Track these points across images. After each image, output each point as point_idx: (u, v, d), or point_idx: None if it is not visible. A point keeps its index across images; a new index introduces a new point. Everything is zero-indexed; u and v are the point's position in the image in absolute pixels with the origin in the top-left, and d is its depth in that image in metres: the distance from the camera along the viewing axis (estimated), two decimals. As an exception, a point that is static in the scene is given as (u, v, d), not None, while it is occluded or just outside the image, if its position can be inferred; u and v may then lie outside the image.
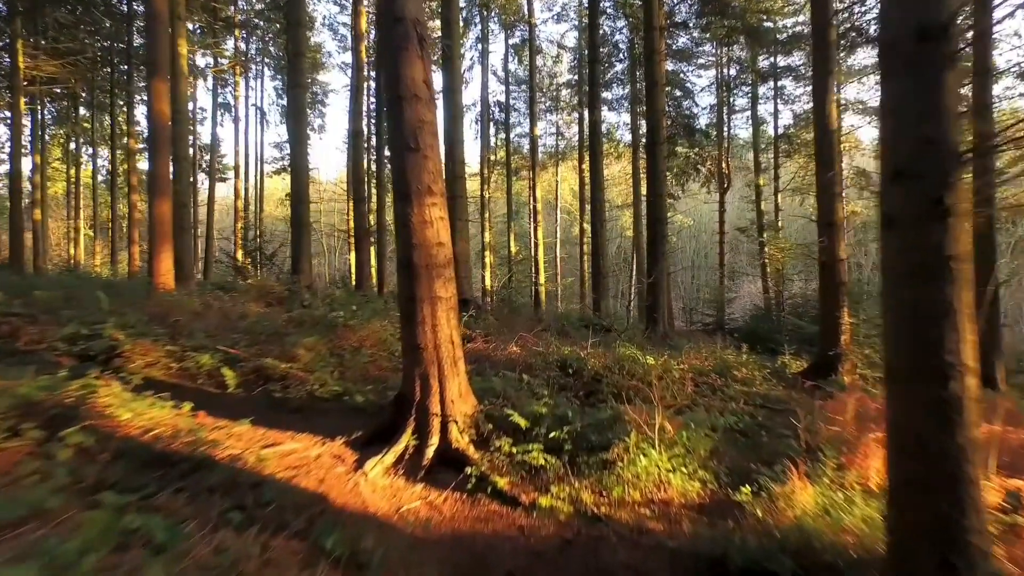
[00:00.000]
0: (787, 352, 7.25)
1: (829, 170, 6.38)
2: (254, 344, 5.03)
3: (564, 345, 6.86)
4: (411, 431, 3.64)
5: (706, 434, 3.81)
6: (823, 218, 6.49)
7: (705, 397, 5.13)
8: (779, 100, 22.90)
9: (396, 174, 3.77)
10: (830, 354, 6.37)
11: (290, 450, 3.53)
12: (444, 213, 3.77)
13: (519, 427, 3.65)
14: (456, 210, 8.89)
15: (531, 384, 4.73)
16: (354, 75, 14.68)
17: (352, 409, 4.20)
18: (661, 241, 10.27)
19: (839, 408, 4.43)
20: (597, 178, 14.26)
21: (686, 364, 6.18)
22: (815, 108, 6.52)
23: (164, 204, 7.83)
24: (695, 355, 7.10)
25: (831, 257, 6.38)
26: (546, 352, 5.84)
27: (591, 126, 15.26)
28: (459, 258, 8.90)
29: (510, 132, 25.79)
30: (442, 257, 3.71)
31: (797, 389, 5.99)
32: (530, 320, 9.67)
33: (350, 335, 5.35)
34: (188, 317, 5.46)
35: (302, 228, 9.55)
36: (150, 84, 7.67)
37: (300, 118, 9.77)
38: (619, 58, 23.50)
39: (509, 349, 6.21)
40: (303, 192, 9.67)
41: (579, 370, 5.25)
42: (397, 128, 3.74)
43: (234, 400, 4.31)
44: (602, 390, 4.87)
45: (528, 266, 23.71)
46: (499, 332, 7.34)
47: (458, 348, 3.79)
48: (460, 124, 8.99)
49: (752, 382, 5.88)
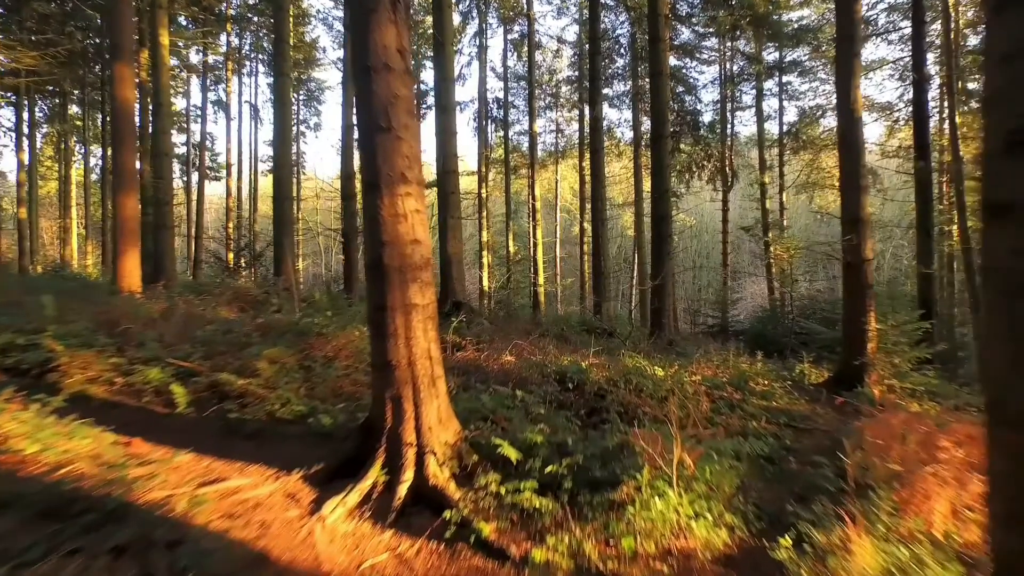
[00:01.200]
0: (805, 360, 6.67)
1: (855, 160, 5.80)
2: (213, 355, 4.46)
3: (564, 353, 6.29)
4: (380, 464, 3.07)
5: (731, 465, 3.24)
6: (847, 214, 5.91)
7: (722, 415, 4.55)
8: (784, 96, 22.38)
9: (364, 159, 3.19)
10: (855, 363, 5.79)
11: (235, 488, 2.95)
12: (421, 205, 3.20)
13: (510, 460, 3.07)
14: (448, 207, 8.32)
15: (526, 402, 4.16)
16: (346, 68, 14.14)
17: (317, 434, 3.62)
18: (666, 241, 9.70)
19: (881, 430, 3.85)
20: (598, 175, 13.68)
21: (698, 375, 5.60)
22: (839, 92, 5.94)
23: (129, 200, 7.26)
24: (706, 364, 6.54)
25: (857, 257, 5.80)
26: (544, 362, 5.27)
27: (592, 122, 14.69)
28: (452, 258, 8.34)
29: (509, 129, 25.22)
30: (418, 257, 3.13)
31: (822, 403, 5.42)
32: (527, 324, 9.09)
33: (324, 344, 4.78)
34: (142, 324, 4.89)
35: (285, 226, 8.98)
36: (113, 68, 7.09)
37: (284, 108, 9.20)
38: (620, 53, 22.94)
39: (503, 358, 5.63)
40: (287, 188, 9.10)
41: (580, 384, 4.67)
42: (365, 104, 3.16)
43: (182, 423, 3.74)
44: (607, 408, 4.29)
45: (527, 266, 23.13)
46: (493, 338, 6.77)
47: (437, 364, 3.22)
48: (452, 116, 8.42)
49: (772, 395, 5.30)
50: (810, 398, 5.59)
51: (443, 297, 8.27)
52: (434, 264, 16.83)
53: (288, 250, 8.96)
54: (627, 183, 29.44)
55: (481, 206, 24.23)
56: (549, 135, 28.04)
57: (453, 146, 8.34)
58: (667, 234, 9.67)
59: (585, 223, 23.33)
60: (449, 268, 8.22)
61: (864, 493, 2.93)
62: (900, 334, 6.03)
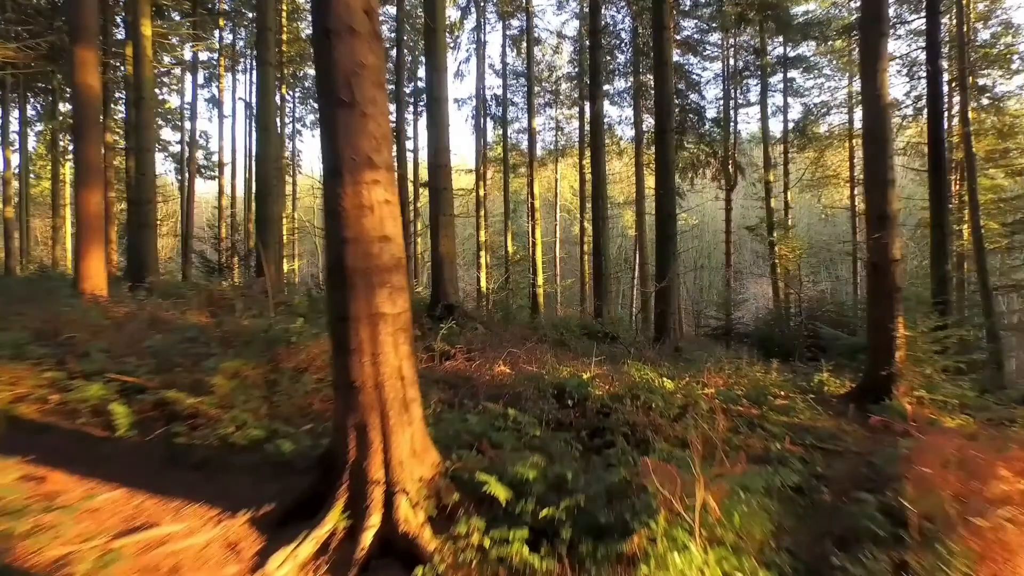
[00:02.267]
0: (824, 368, 6.16)
1: (882, 152, 5.29)
2: (166, 368, 3.95)
3: (563, 362, 5.78)
4: (341, 506, 2.55)
5: (761, 504, 2.73)
6: (874, 210, 5.40)
7: (741, 434, 4.04)
8: (788, 93, 21.88)
9: (324, 140, 2.68)
10: (882, 374, 5.27)
11: (164, 536, 2.44)
12: (392, 195, 2.68)
13: (498, 499, 2.56)
14: (440, 203, 7.80)
15: (519, 423, 3.64)
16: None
17: (275, 464, 3.11)
18: (671, 240, 9.18)
19: (929, 456, 3.34)
20: (599, 172, 13.18)
21: (711, 387, 5.10)
22: (863, 78, 5.43)
23: (92, 195, 6.74)
24: (717, 373, 6.03)
25: (884, 257, 5.28)
26: (541, 374, 4.75)
27: (593, 117, 14.19)
28: (444, 258, 7.82)
29: (507, 127, 24.70)
30: (387, 257, 2.62)
31: (848, 419, 4.91)
32: (525, 328, 8.58)
33: (294, 354, 4.27)
34: (90, 332, 4.38)
35: (268, 224, 8.47)
36: (73, 51, 6.55)
37: (267, 99, 8.69)
38: (621, 48, 22.45)
39: (496, 369, 5.12)
40: (269, 183, 8.59)
41: (581, 400, 4.15)
42: (325, 75, 2.65)
43: (119, 449, 3.22)
44: (612, 428, 3.78)
45: (526, 267, 22.62)
46: (487, 345, 6.26)
47: (411, 386, 2.70)
48: (444, 107, 7.91)
49: (793, 410, 4.79)
50: (834, 412, 5.07)
51: (434, 300, 7.77)
52: (425, 264, 16.16)
53: (273, 249, 8.45)
54: (628, 182, 28.95)
55: (479, 205, 23.71)
56: (548, 133, 27.54)
57: (445, 139, 7.83)
58: (672, 233, 9.16)
59: (585, 222, 22.83)
60: (441, 269, 7.71)
61: (927, 543, 2.43)
62: (932, 341, 5.52)
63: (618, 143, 25.72)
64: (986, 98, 17.79)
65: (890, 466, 3.50)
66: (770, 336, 14.42)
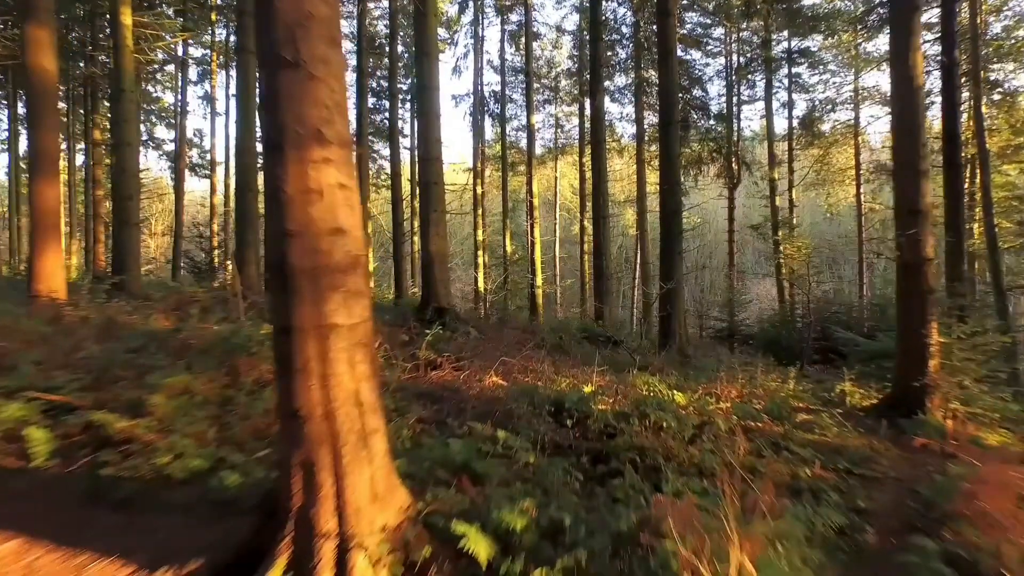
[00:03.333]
0: (846, 377, 5.65)
1: (914, 140, 4.78)
2: (104, 383, 3.44)
3: (562, 371, 5.27)
4: (284, 565, 2.05)
5: (803, 557, 2.22)
6: (905, 204, 4.89)
7: (764, 458, 3.53)
8: (793, 89, 21.36)
9: (263, 108, 2.17)
10: (915, 384, 4.77)
11: (54, 608, 1.93)
12: (349, 179, 2.17)
13: (477, 561, 2.05)
14: (431, 199, 7.29)
15: (510, 447, 3.14)
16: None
17: (216, 501, 2.60)
18: (676, 238, 8.66)
19: (990, 489, 2.83)
20: (599, 168, 12.68)
21: (726, 400, 4.59)
22: (893, 56, 4.93)
23: (48, 189, 6.22)
24: (731, 383, 5.53)
25: (916, 256, 4.78)
26: (537, 385, 4.24)
27: (593, 111, 13.70)
28: (434, 258, 7.31)
29: (506, 124, 24.18)
30: (341, 255, 2.10)
31: (879, 436, 4.40)
32: (522, 332, 8.07)
33: (255, 365, 3.77)
34: (22, 341, 3.87)
35: (248, 220, 7.95)
36: (24, 29, 6.02)
37: (249, 89, 8.18)
38: (622, 43, 21.96)
39: (487, 380, 4.60)
40: (250, 178, 8.08)
41: (582, 418, 3.64)
42: (264, 28, 2.14)
43: (34, 483, 2.71)
44: (617, 453, 3.27)
45: (525, 267, 22.11)
46: (479, 351, 5.75)
47: (372, 414, 2.18)
48: (435, 96, 7.39)
49: (818, 426, 4.29)
50: (863, 428, 4.57)
51: (424, 302, 7.26)
52: (414, 265, 15.43)
53: (252, 248, 7.93)
54: (628, 180, 28.45)
55: (477, 203, 23.18)
56: (548, 130, 27.04)
57: (436, 129, 7.31)
58: (678, 231, 8.64)
59: (585, 221, 22.32)
60: (431, 269, 7.20)
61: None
62: (969, 348, 5.02)
63: (619, 141, 25.24)
64: (998, 93, 17.28)
65: (943, 499, 2.99)
66: (776, 339, 13.89)
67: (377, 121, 24.09)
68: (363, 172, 19.84)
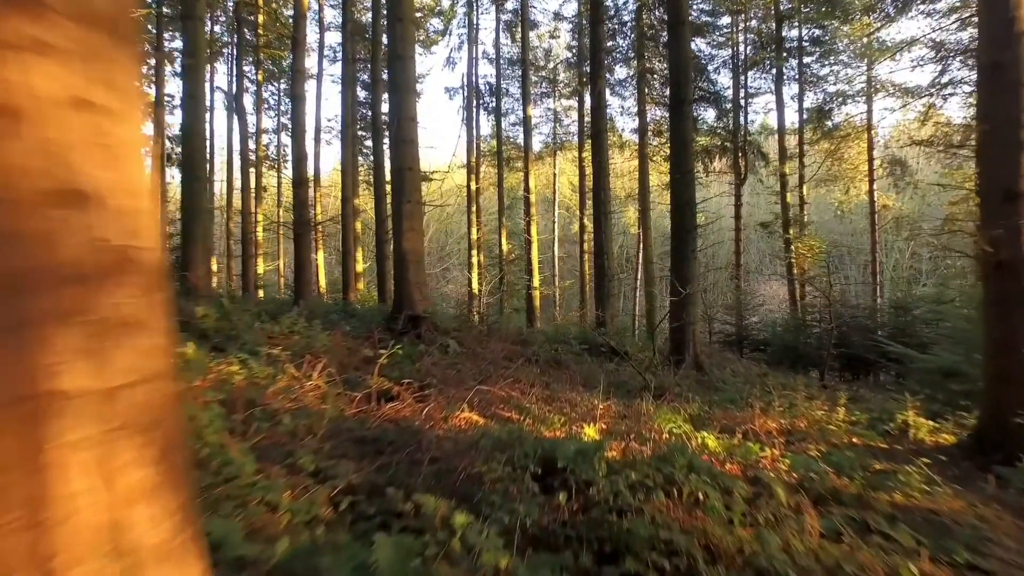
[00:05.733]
0: (909, 405, 4.54)
1: (1012, 100, 3.69)
2: None
3: (556, 400, 4.17)
4: None
5: None
6: (997, 186, 3.80)
7: (845, 543, 2.43)
8: (804, 81, 20.30)
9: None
10: (1017, 420, 3.67)
11: None
12: (105, 96, 1.06)
13: None
14: (404, 188, 6.18)
15: (469, 545, 2.03)
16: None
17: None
18: (689, 235, 7.54)
19: None
20: (600, 160, 11.61)
21: (771, 443, 3.49)
22: (984, 6, 3.84)
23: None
24: (767, 412, 4.44)
25: (1015, 252, 3.68)
26: (521, 428, 3.13)
27: (594, 100, 12.63)
28: (408, 256, 6.20)
29: (502, 118, 23.09)
30: (80, 245, 0.96)
31: (982, 493, 3.30)
32: (512, 342, 6.97)
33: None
34: None
35: (196, 213, 6.86)
36: None
37: (197, 60, 7.08)
38: (623, 32, 20.91)
39: (458, 416, 3.50)
40: (198, 164, 6.98)
41: (582, 486, 2.53)
42: None
43: None
44: (634, 548, 2.17)
45: (522, 267, 21.04)
46: (454, 373, 4.66)
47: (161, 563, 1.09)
48: (410, 68, 6.28)
49: (900, 482, 3.18)
50: (953, 480, 3.47)
51: (396, 309, 6.16)
52: (387, 265, 14.02)
53: (201, 244, 6.84)
54: (629, 177, 27.37)
55: (471, 200, 22.11)
56: (546, 125, 25.98)
57: (411, 107, 6.21)
58: (691, 226, 7.53)
59: (585, 219, 21.23)
60: (405, 269, 6.10)
61: None
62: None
63: (619, 136, 24.19)
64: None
65: None
66: (793, 345, 12.82)
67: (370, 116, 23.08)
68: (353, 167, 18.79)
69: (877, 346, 9.70)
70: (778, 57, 18.58)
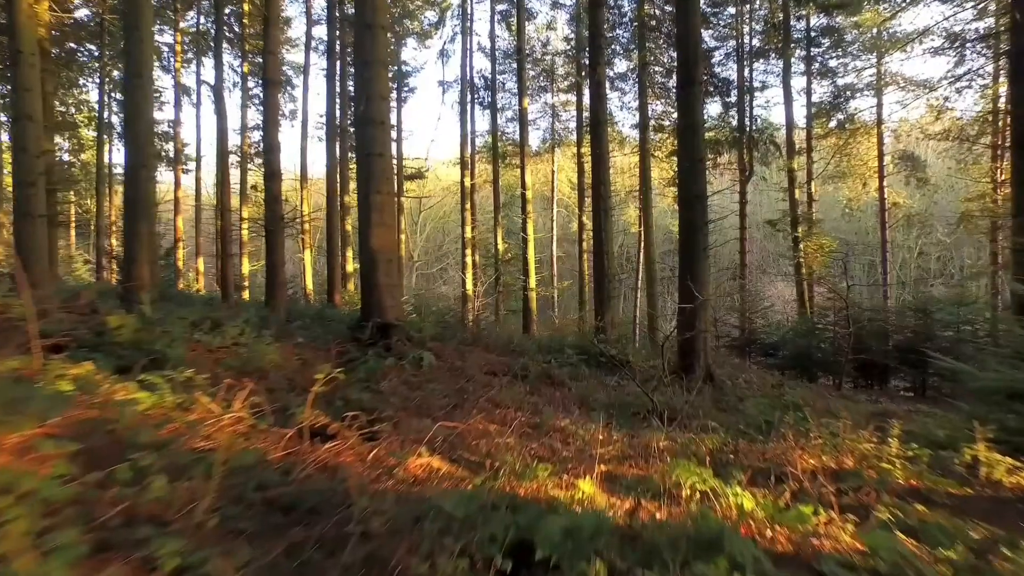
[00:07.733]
0: (979, 438, 3.70)
1: None
2: None
3: (542, 432, 3.34)
4: None
5: None
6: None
7: None
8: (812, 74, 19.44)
9: None
10: None
11: None
12: None
13: None
14: (372, 177, 5.34)
15: None
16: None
17: None
18: (699, 231, 6.67)
19: None
20: (600, 153, 10.78)
21: (830, 504, 2.65)
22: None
23: None
24: (802, 445, 3.63)
25: None
26: (490, 487, 2.30)
27: (593, 89, 11.80)
28: (377, 256, 5.36)
29: (497, 113, 22.25)
30: None
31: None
32: (500, 352, 6.14)
33: None
34: None
35: (140, 207, 6.03)
36: None
37: (143, 34, 6.27)
38: (623, 23, 20.08)
39: (412, 462, 2.66)
40: (142, 151, 6.16)
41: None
42: None
43: None
44: None
45: (518, 267, 20.20)
46: (420, 395, 3.82)
47: None
48: (380, 38, 5.43)
49: (1003, 558, 2.36)
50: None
51: (364, 316, 5.33)
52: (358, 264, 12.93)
53: (145, 243, 6.01)
54: (630, 173, 26.47)
55: (465, 198, 21.27)
56: (544, 121, 25.11)
57: (382, 83, 5.36)
58: (701, 222, 6.68)
59: (584, 217, 20.39)
60: (374, 271, 5.26)
61: None
62: None
63: (619, 132, 23.34)
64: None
65: None
66: (806, 351, 11.98)
67: (358, 109, 22.08)
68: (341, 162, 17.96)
69: (902, 353, 8.85)
70: (785, 47, 17.71)
